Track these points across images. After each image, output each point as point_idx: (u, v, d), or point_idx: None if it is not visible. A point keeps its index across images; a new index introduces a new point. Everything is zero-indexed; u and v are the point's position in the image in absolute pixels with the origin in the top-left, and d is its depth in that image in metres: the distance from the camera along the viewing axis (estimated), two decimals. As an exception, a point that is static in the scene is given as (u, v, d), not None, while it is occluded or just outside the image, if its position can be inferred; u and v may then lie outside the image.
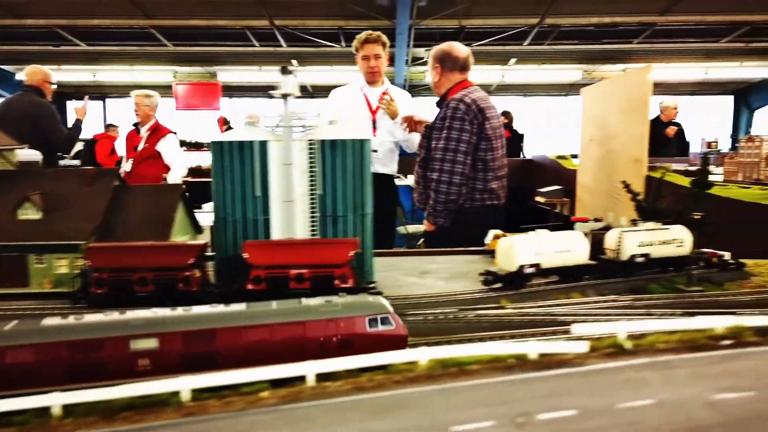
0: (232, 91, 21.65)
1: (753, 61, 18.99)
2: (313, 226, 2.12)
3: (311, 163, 2.08)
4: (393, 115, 6.61)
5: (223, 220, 2.13)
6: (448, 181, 4.98)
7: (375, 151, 6.67)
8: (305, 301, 1.37)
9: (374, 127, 6.91)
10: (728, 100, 22.47)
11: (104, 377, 1.11)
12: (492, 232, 2.22)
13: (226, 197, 2.11)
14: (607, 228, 2.20)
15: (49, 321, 1.18)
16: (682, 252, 2.05)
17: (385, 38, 6.83)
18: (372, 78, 6.85)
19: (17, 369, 1.09)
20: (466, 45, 19.25)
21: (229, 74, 19.76)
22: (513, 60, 19.06)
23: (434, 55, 5.66)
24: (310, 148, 2.07)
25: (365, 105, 6.88)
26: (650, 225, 2.18)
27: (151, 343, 1.15)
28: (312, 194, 2.11)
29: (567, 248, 2.10)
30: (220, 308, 1.28)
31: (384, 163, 6.89)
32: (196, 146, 15.56)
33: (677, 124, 11.91)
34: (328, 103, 7.06)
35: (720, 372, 1.05)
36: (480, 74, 20.37)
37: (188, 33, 16.99)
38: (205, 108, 18.76)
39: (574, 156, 8.91)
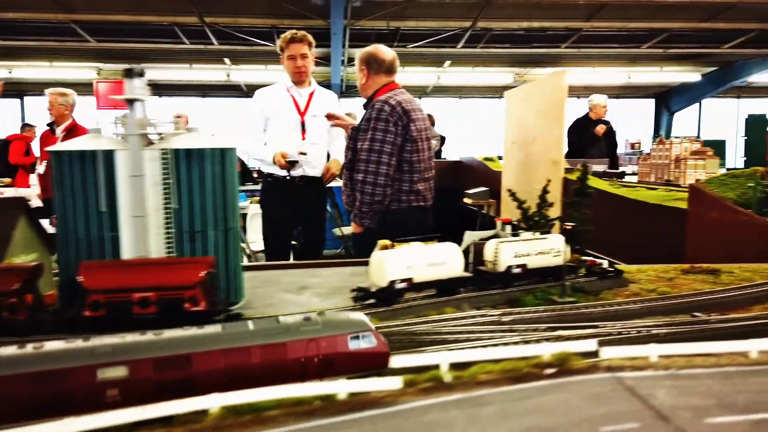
0: (161, 89, 20.88)
1: (672, 66, 19.97)
2: (168, 243, 1.95)
3: (165, 174, 1.91)
4: (346, 130, 6.60)
5: (65, 237, 1.92)
6: (372, 183, 4.99)
7: (304, 153, 6.55)
8: (282, 319, 1.28)
9: (303, 129, 6.79)
10: (650, 103, 23.57)
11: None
12: (380, 243, 2.12)
13: (68, 212, 1.90)
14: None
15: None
16: (559, 261, 2.03)
17: (311, 38, 6.69)
18: (299, 78, 6.70)
19: None
20: (401, 46, 19.38)
21: (157, 72, 19.02)
22: (448, 62, 19.28)
23: (360, 57, 5.58)
24: (164, 158, 1.90)
25: (293, 106, 6.74)
26: (528, 235, 2.12)
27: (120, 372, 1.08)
28: (167, 209, 1.94)
29: (442, 261, 2.02)
30: (193, 331, 1.20)
31: (314, 165, 6.79)
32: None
33: (606, 122, 11.74)
34: (254, 104, 6.86)
35: (530, 408, 0.97)
36: (416, 76, 20.51)
37: (113, 29, 16.23)
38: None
39: (501, 158, 9.05)
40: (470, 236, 2.04)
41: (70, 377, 1.04)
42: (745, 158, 12.52)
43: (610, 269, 2.17)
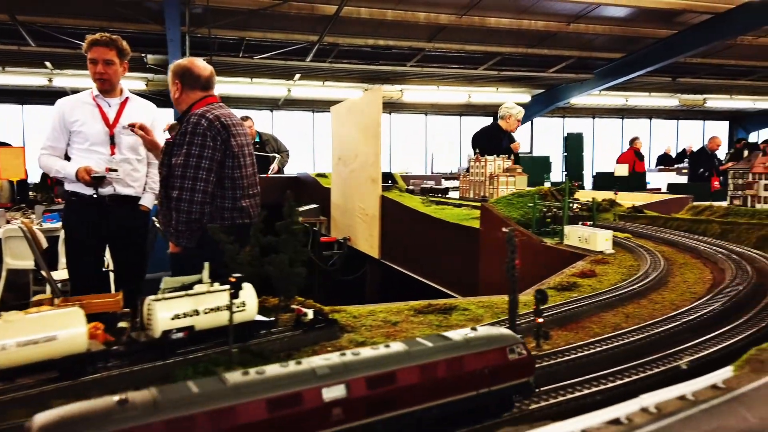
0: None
1: (506, 88, 21.59)
2: None
3: None
4: (152, 146, 6.04)
5: None
6: (189, 200, 4.70)
7: (115, 170, 5.96)
8: (452, 335, 1.33)
9: (113, 143, 6.16)
10: (489, 121, 25.26)
11: None
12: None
13: None
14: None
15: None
16: (246, 317, 1.72)
17: (123, 44, 6.10)
18: (101, 86, 6.08)
19: None
20: (247, 57, 18.74)
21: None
22: (297, 75, 19.07)
23: (173, 70, 5.24)
24: None
25: (99, 117, 6.08)
26: (201, 288, 1.67)
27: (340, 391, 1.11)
28: None
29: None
30: (392, 349, 1.24)
31: (127, 183, 6.18)
32: None
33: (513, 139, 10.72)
34: (54, 114, 6.13)
35: None
36: (266, 88, 20.04)
37: None
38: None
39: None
40: (168, 283, 1.68)
41: (303, 399, 1.06)
42: (565, 173, 13.68)
43: (320, 319, 1.82)
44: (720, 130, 28.28)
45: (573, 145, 14.19)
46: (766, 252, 3.10)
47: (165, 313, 1.52)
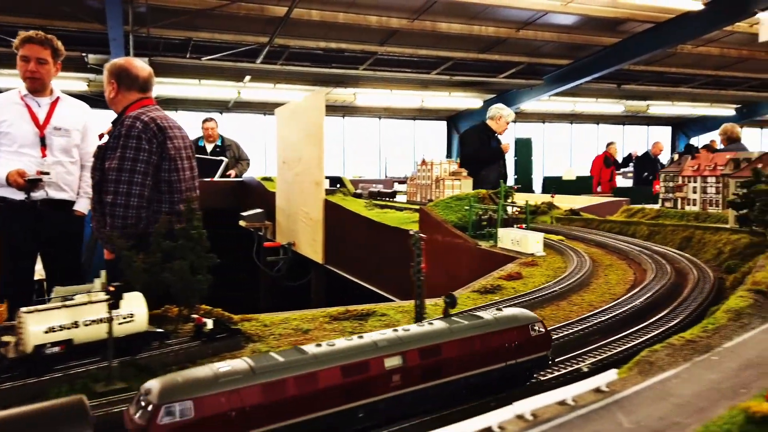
0: None
1: (458, 92, 21.84)
2: None
3: None
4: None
5: None
6: (124, 204, 4.59)
7: (47, 173, 5.73)
8: (480, 313, 1.51)
9: (43, 145, 5.91)
10: (443, 126, 25.57)
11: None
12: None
13: None
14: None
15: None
16: (134, 329, 1.59)
17: (58, 44, 5.89)
18: (32, 85, 5.85)
19: (301, 397, 1.12)
20: (194, 58, 18.22)
21: None
22: (248, 77, 18.76)
23: (109, 69, 5.08)
24: None
25: (28, 118, 5.83)
26: (82, 298, 1.55)
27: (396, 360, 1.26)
28: None
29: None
30: (437, 326, 1.41)
31: (60, 187, 5.94)
32: None
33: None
34: None
35: None
36: (215, 90, 19.64)
37: None
38: None
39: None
40: (59, 293, 1.54)
41: (370, 367, 1.21)
42: (515, 177, 13.90)
43: (222, 329, 1.72)
44: (663, 135, 29.42)
45: (522, 149, 14.44)
46: (688, 252, 3.19)
47: (37, 326, 1.39)
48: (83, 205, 6.41)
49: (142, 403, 1.01)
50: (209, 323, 1.66)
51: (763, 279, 1.80)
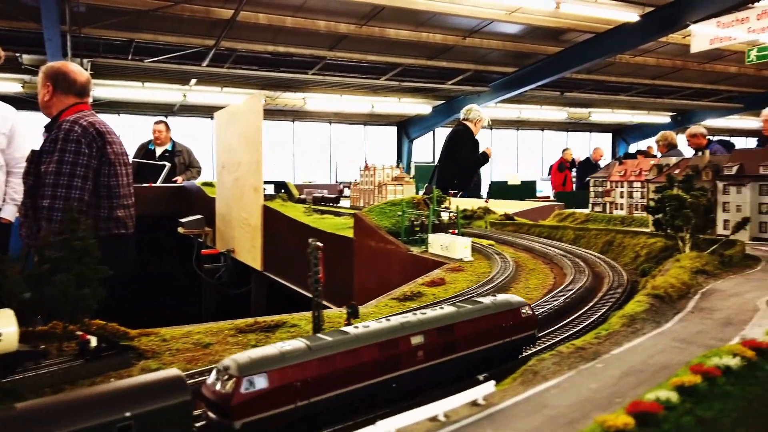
0: None
1: (408, 98, 22.01)
2: None
3: None
4: None
5: None
6: (63, 209, 4.56)
7: None
8: (479, 299, 1.76)
9: None
10: (393, 131, 25.69)
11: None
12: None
13: None
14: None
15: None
16: (2, 349, 1.44)
17: None
18: None
19: (342, 373, 1.32)
20: (136, 60, 17.64)
21: None
22: (194, 81, 18.34)
23: (45, 72, 4.99)
24: None
25: None
26: None
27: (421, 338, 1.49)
28: None
29: None
30: (450, 309, 1.64)
31: None
32: None
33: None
34: None
35: None
36: (160, 93, 19.12)
37: None
38: None
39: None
40: None
41: (400, 344, 1.45)
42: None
43: (109, 346, 1.62)
44: (604, 141, 30.49)
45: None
46: (609, 256, 3.26)
47: None
48: (9, 213, 6.11)
49: (224, 377, 1.19)
50: (93, 340, 1.56)
51: (661, 283, 1.84)
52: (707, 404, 0.93)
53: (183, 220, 7.82)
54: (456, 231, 4.05)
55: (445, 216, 4.29)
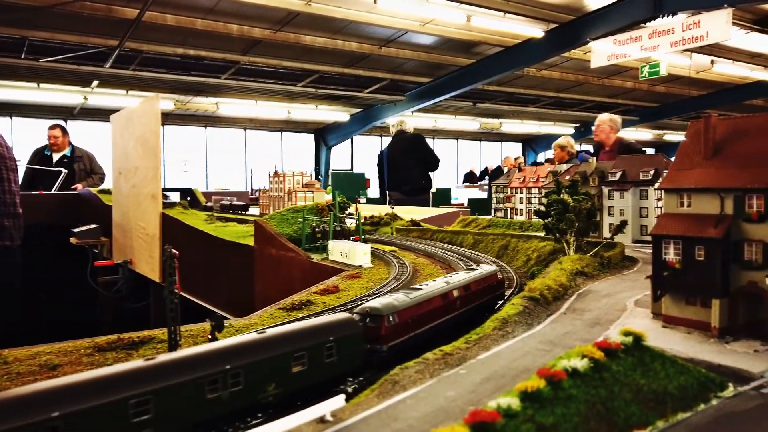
0: None
1: (325, 105, 21.89)
2: None
3: None
4: None
5: None
6: None
7: None
8: (476, 267, 2.83)
9: None
10: (311, 138, 25.45)
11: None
12: None
13: None
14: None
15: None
16: None
17: None
18: None
19: (426, 314, 2.13)
20: (31, 59, 16.36)
21: None
22: (96, 82, 17.28)
23: None
24: None
25: None
26: None
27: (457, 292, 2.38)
28: None
29: None
30: (463, 274, 2.61)
31: None
32: None
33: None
34: None
35: None
36: (56, 95, 17.88)
37: None
38: None
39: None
40: None
41: (449, 295, 2.34)
42: (379, 188, 14.16)
43: None
44: (515, 150, 31.82)
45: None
46: (504, 260, 3.32)
47: None
48: None
49: (373, 315, 1.91)
50: None
51: (537, 286, 1.85)
52: (549, 410, 0.90)
53: (76, 230, 7.28)
54: (359, 237, 3.99)
55: (349, 222, 4.23)
